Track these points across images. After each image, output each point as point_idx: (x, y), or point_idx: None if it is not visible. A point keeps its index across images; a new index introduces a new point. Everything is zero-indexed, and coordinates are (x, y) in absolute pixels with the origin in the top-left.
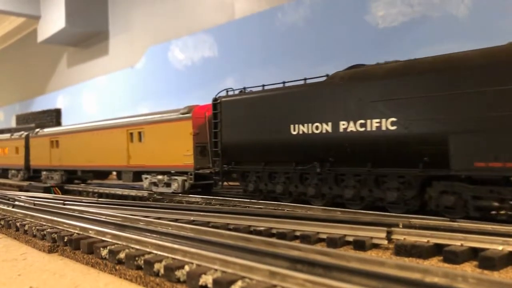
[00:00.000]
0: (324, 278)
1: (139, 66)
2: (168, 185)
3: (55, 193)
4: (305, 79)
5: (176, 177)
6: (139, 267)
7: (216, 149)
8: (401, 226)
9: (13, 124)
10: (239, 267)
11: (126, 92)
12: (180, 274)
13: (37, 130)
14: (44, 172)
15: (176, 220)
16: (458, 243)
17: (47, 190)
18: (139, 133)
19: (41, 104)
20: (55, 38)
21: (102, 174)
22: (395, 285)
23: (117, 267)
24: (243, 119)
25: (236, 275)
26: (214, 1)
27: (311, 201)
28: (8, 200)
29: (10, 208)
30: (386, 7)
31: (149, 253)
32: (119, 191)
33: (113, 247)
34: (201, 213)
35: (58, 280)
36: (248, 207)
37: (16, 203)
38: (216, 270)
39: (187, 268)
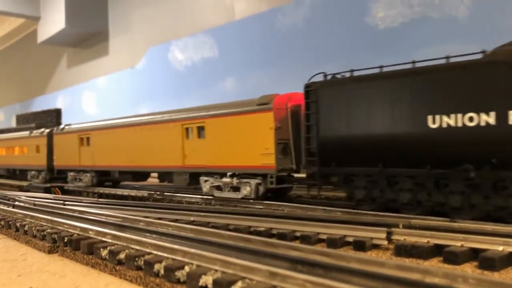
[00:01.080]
0: (324, 278)
1: (139, 67)
2: (236, 189)
3: (55, 193)
4: (447, 57)
5: (248, 180)
6: (139, 268)
7: (309, 147)
8: (401, 227)
9: (13, 124)
10: (239, 268)
11: (126, 93)
12: (180, 274)
13: (63, 126)
14: (71, 173)
15: (176, 221)
16: (458, 243)
17: (47, 190)
18: (199, 128)
19: (41, 104)
20: (55, 38)
21: (142, 176)
22: (395, 285)
23: (117, 268)
24: (351, 109)
25: (236, 275)
26: (214, 2)
27: (450, 214)
28: (8, 200)
29: (10, 209)
30: (385, 8)
31: (149, 253)
32: (119, 192)
33: (113, 247)
34: (201, 214)
35: (58, 280)
36: (248, 207)
37: (16, 203)
38: (216, 270)
39: (187, 268)
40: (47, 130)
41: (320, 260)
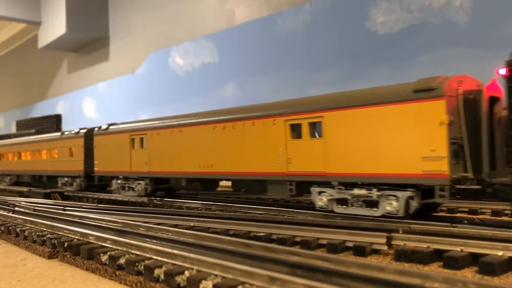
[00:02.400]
0: (324, 283)
1: (139, 72)
2: (371, 204)
3: (55, 199)
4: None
5: (393, 193)
6: (139, 273)
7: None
8: (401, 232)
9: (13, 130)
10: (239, 273)
11: (127, 98)
12: (180, 279)
13: (106, 125)
14: (117, 181)
15: (176, 226)
16: (458, 248)
17: (47, 196)
18: (312, 124)
19: (41, 110)
20: (56, 44)
21: (212, 184)
22: None
23: (117, 273)
24: None
25: (236, 280)
26: (215, 7)
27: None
28: (8, 206)
29: (10, 214)
30: (385, 13)
31: (149, 258)
32: (119, 197)
33: (113, 252)
34: (201, 219)
35: (58, 286)
36: (248, 213)
37: (16, 209)
38: (216, 275)
39: (187, 273)
40: (84, 130)
41: (320, 265)
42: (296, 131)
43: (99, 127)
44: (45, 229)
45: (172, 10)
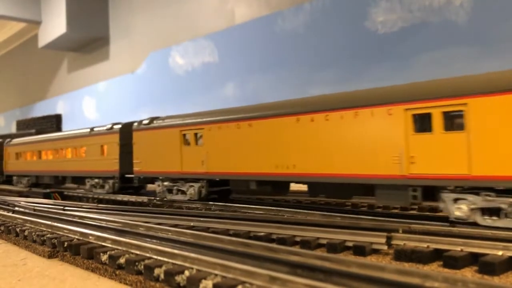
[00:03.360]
0: (325, 283)
1: (139, 72)
2: None
3: (55, 199)
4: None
5: None
6: (139, 272)
7: None
8: (401, 232)
9: (13, 129)
10: (239, 272)
11: (127, 98)
12: (180, 279)
13: (148, 119)
14: (164, 183)
15: (176, 226)
16: (458, 248)
17: (47, 195)
18: (449, 115)
19: (41, 109)
20: (56, 43)
21: (284, 187)
22: None
23: (117, 272)
24: None
25: (236, 280)
26: (214, 6)
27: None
28: (8, 206)
29: (10, 214)
30: (385, 13)
31: (149, 258)
32: (119, 197)
33: (113, 252)
34: (201, 219)
35: (58, 285)
36: (248, 213)
37: (16, 208)
38: (216, 275)
39: (187, 273)
40: (119, 126)
41: (320, 265)
42: (422, 122)
43: (139, 122)
44: (45, 229)
45: (172, 10)
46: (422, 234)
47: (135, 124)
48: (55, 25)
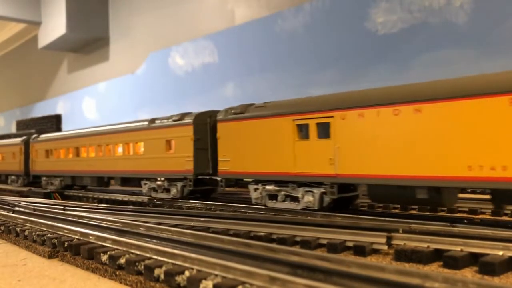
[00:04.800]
0: (325, 283)
1: (139, 72)
2: None
3: (55, 199)
4: None
5: None
6: (139, 273)
7: None
8: (401, 232)
9: (13, 130)
10: (240, 273)
11: (127, 98)
12: (180, 279)
13: (241, 107)
14: (265, 186)
15: (176, 226)
16: (458, 248)
17: (47, 195)
18: None
19: (41, 110)
20: (56, 44)
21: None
22: None
23: (117, 273)
24: None
25: (237, 280)
26: (214, 7)
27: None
28: (8, 205)
29: (10, 214)
30: (385, 13)
31: (150, 258)
32: (119, 197)
33: (113, 252)
34: (201, 219)
35: (58, 285)
36: (249, 213)
37: (16, 208)
38: (216, 275)
39: (187, 273)
40: (191, 116)
41: (321, 265)
42: None
43: (227, 110)
44: (45, 229)
45: (172, 10)
46: (422, 234)
47: (220, 113)
48: (55, 25)
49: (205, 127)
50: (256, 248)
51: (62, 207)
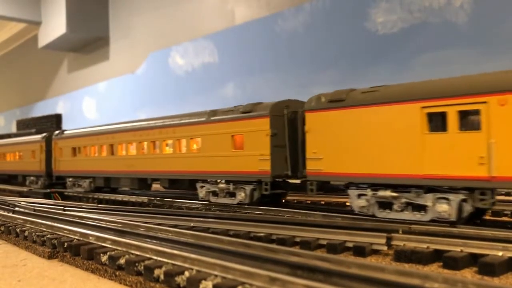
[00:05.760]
0: (324, 284)
1: (139, 72)
2: None
3: (55, 199)
4: None
5: None
6: (139, 273)
7: None
8: (401, 232)
9: (13, 129)
10: (239, 273)
11: (127, 98)
12: (180, 280)
13: (333, 95)
14: (376, 192)
15: (175, 226)
16: (458, 249)
17: (47, 196)
18: None
19: (41, 109)
20: (56, 43)
21: None
22: None
23: (117, 273)
24: None
25: (236, 281)
26: (214, 7)
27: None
28: (8, 206)
29: (10, 214)
30: (385, 13)
31: (149, 259)
32: (119, 197)
33: (113, 253)
34: (201, 219)
35: (58, 286)
36: (248, 213)
37: (16, 209)
38: (216, 276)
39: (187, 274)
40: (266, 107)
41: (320, 265)
42: None
43: (319, 97)
44: (45, 229)
45: (172, 10)
46: (422, 235)
47: (310, 101)
48: (55, 25)
49: (282, 120)
50: (256, 249)
51: (62, 207)
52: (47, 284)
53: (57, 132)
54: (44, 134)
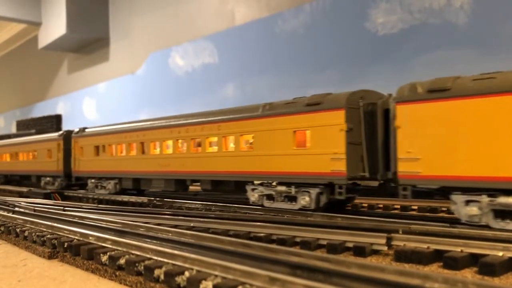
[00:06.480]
0: (324, 284)
1: (139, 73)
2: None
3: (55, 199)
4: None
5: None
6: (139, 273)
7: None
8: (401, 232)
9: (13, 130)
10: (239, 273)
11: (127, 99)
12: (180, 280)
13: (430, 84)
14: (495, 199)
15: (176, 226)
16: (458, 249)
17: (47, 196)
18: None
19: (41, 110)
20: (56, 44)
21: None
22: None
23: (117, 273)
24: None
25: (236, 281)
26: (214, 7)
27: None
28: (8, 206)
29: (10, 214)
30: (385, 14)
31: (149, 259)
32: (119, 197)
33: (113, 253)
34: (201, 219)
35: (58, 286)
36: (248, 213)
37: (16, 209)
38: (216, 276)
39: (187, 274)
40: (337, 103)
41: (320, 266)
42: None
43: (413, 86)
44: (45, 230)
45: (172, 10)
46: (422, 235)
47: (401, 90)
48: (55, 26)
49: (357, 113)
50: (256, 249)
51: (62, 207)
52: (47, 284)
53: (77, 129)
54: (61, 132)
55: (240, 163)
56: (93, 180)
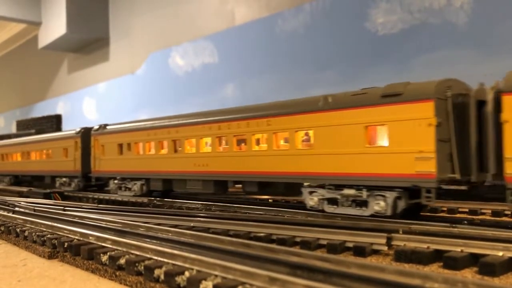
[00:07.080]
0: (324, 284)
1: (139, 73)
2: None
3: (55, 199)
4: None
5: None
6: (139, 273)
7: None
8: (401, 232)
9: (13, 130)
10: (239, 273)
11: (127, 98)
12: (180, 280)
13: None
14: None
15: (176, 226)
16: (458, 249)
17: (47, 196)
18: None
19: (41, 110)
20: (56, 44)
21: None
22: None
23: (117, 273)
24: None
25: (236, 281)
26: (214, 7)
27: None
28: (8, 206)
29: (10, 214)
30: (385, 14)
31: (150, 259)
32: (119, 197)
33: (113, 253)
34: (201, 219)
35: (58, 286)
36: (248, 213)
37: (16, 209)
38: (216, 276)
39: (187, 274)
40: (422, 94)
41: (320, 266)
42: None
43: None
44: (45, 229)
45: (172, 10)
46: (422, 235)
47: (508, 80)
48: (55, 26)
49: (445, 105)
50: (256, 249)
51: (62, 207)
52: (47, 284)
53: (97, 126)
54: (79, 129)
55: (295, 163)
56: (116, 181)
